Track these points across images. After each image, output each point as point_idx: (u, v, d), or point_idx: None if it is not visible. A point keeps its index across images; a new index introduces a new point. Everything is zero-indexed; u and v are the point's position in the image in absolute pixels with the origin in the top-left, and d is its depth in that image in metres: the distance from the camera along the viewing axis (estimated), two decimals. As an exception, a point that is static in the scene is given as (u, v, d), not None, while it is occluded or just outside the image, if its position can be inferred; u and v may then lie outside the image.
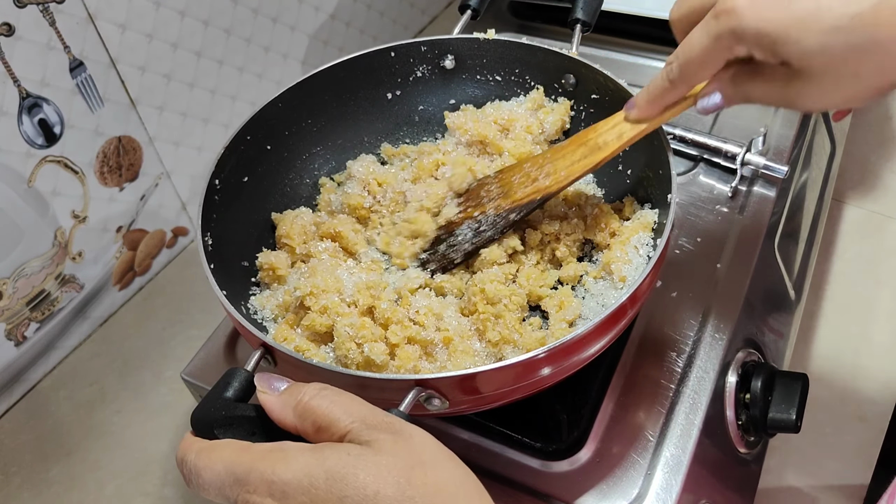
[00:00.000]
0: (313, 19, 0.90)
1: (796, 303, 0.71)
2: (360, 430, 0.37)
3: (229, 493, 0.36)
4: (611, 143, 0.53)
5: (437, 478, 0.36)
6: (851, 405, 0.68)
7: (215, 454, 0.38)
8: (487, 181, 0.60)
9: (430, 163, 0.65)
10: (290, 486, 0.35)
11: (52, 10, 0.62)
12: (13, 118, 0.62)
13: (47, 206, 0.68)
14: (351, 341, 0.52)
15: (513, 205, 0.58)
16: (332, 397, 0.38)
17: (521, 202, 0.57)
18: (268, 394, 0.40)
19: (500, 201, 0.58)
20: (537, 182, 0.57)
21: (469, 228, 0.59)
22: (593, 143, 0.54)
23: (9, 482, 0.67)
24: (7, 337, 0.70)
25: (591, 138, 0.54)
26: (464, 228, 0.59)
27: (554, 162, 0.56)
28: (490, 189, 0.59)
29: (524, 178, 0.58)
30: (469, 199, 0.60)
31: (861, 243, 0.80)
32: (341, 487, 0.34)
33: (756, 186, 0.70)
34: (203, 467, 0.37)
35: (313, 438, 0.38)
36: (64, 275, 0.72)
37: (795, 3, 0.39)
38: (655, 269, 0.50)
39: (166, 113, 0.76)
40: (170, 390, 0.73)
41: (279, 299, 0.59)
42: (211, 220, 0.56)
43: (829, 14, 0.38)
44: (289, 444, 0.37)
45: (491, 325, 0.54)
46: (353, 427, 0.37)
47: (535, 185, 0.57)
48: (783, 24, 0.39)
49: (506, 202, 0.58)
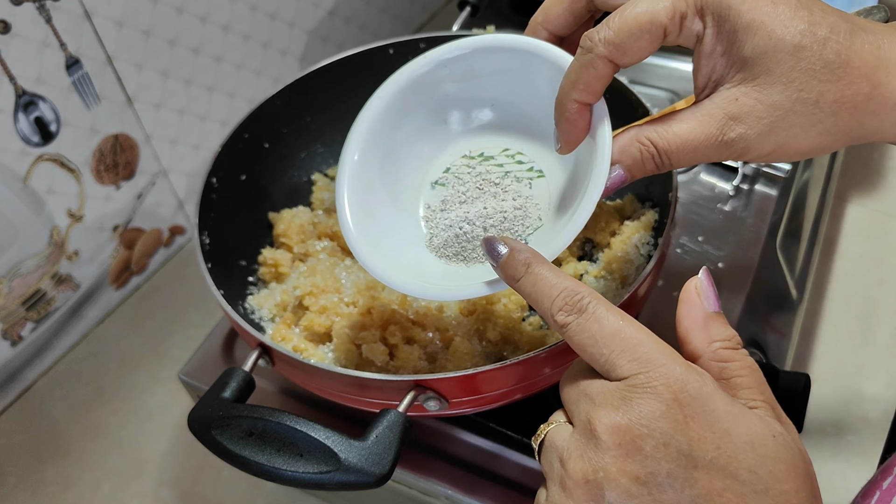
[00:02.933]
0: (312, 16, 0.89)
1: (798, 302, 0.70)
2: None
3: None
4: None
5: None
6: (854, 405, 0.68)
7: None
8: None
9: None
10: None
11: (49, 7, 0.61)
12: (9, 116, 0.62)
13: (43, 205, 0.67)
14: (350, 342, 0.52)
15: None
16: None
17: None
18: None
19: None
20: None
21: None
22: None
23: (4, 482, 0.67)
24: (3, 337, 0.69)
25: None
26: None
27: None
28: None
29: None
30: None
31: (864, 242, 0.80)
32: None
33: (758, 185, 0.70)
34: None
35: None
36: (60, 274, 0.72)
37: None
38: (656, 269, 0.50)
39: (163, 110, 0.75)
40: (167, 390, 0.73)
41: (277, 299, 0.58)
42: (208, 219, 0.56)
43: (798, 19, 0.35)
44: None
45: (491, 326, 0.54)
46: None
47: None
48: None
49: None
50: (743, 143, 0.37)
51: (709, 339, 0.35)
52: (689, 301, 0.36)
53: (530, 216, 0.45)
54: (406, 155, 0.49)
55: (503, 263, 0.37)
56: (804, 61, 0.36)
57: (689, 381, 0.32)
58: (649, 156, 0.39)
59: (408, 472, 0.54)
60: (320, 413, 0.58)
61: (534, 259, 0.37)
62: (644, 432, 0.31)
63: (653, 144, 0.38)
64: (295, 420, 0.41)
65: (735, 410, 0.32)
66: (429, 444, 0.56)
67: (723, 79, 0.38)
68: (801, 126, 0.37)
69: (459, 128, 0.49)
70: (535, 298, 0.36)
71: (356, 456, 0.40)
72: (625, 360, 0.32)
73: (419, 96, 0.48)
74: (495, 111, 0.49)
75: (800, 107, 0.36)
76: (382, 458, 0.41)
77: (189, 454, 0.68)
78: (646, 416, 0.31)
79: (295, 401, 0.60)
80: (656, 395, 0.31)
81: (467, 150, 0.49)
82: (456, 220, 0.47)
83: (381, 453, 0.41)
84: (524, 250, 0.37)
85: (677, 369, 0.32)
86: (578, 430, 0.33)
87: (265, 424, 0.42)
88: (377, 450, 0.41)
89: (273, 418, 0.42)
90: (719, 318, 0.35)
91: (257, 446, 0.41)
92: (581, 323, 0.34)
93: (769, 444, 0.32)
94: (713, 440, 0.31)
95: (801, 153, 0.38)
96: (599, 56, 0.37)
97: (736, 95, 0.37)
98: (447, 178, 0.49)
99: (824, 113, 0.36)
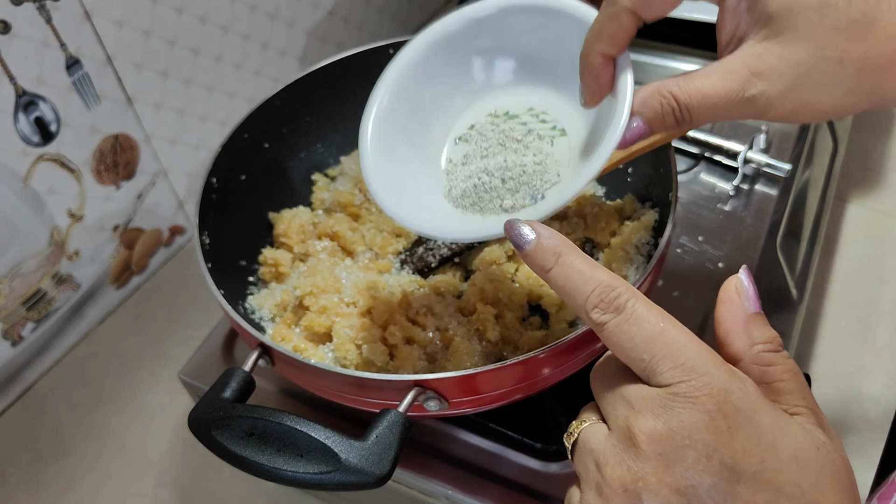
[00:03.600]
0: (311, 16, 0.89)
1: (798, 302, 0.70)
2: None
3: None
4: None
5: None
6: (854, 405, 0.68)
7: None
8: None
9: None
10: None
11: (49, 8, 0.61)
12: (9, 116, 0.62)
13: (43, 205, 0.68)
14: (350, 342, 0.52)
15: None
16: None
17: None
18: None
19: None
20: None
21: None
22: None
23: (5, 483, 0.67)
24: (3, 337, 0.69)
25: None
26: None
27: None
28: None
29: None
30: None
31: (864, 242, 0.80)
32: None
33: (758, 185, 0.70)
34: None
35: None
36: (60, 274, 0.72)
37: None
38: (656, 269, 0.50)
39: (163, 110, 0.75)
40: (167, 391, 0.73)
41: (277, 298, 0.58)
42: (208, 219, 0.56)
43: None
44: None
45: (491, 325, 0.54)
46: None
47: None
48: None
49: None
50: (764, 101, 0.37)
51: (750, 341, 0.34)
52: (729, 301, 0.34)
53: (549, 171, 0.46)
54: (433, 109, 0.50)
55: (531, 252, 0.35)
56: (829, 18, 0.35)
57: (733, 390, 0.31)
58: (669, 109, 0.38)
59: (408, 473, 0.54)
60: (320, 413, 0.58)
61: (564, 247, 0.34)
62: (686, 443, 0.30)
63: (674, 98, 0.38)
64: (295, 420, 0.41)
65: (780, 421, 0.31)
66: (429, 444, 0.56)
67: (746, 35, 0.37)
68: (824, 85, 0.36)
69: (486, 85, 0.50)
70: (567, 292, 0.34)
71: (356, 456, 0.40)
72: (666, 367, 0.31)
73: (450, 53, 0.49)
74: (523, 69, 0.49)
75: (823, 65, 0.35)
76: (383, 458, 0.41)
77: (189, 454, 0.68)
78: (688, 426, 0.30)
79: (295, 401, 0.60)
80: (700, 406, 0.30)
81: (493, 107, 0.49)
82: (475, 171, 0.47)
83: (381, 453, 0.41)
84: (552, 236, 0.35)
85: (721, 377, 0.31)
86: (616, 434, 0.32)
87: (265, 424, 0.42)
88: (377, 450, 0.41)
89: (273, 418, 0.42)
90: (760, 319, 0.34)
91: (257, 446, 0.41)
92: (619, 323, 0.32)
93: (813, 456, 0.31)
94: (757, 453, 0.30)
95: (822, 113, 0.37)
96: (624, 8, 0.38)
97: (759, 52, 0.36)
98: (471, 134, 0.49)
99: (848, 73, 0.36)
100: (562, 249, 0.34)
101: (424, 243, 0.60)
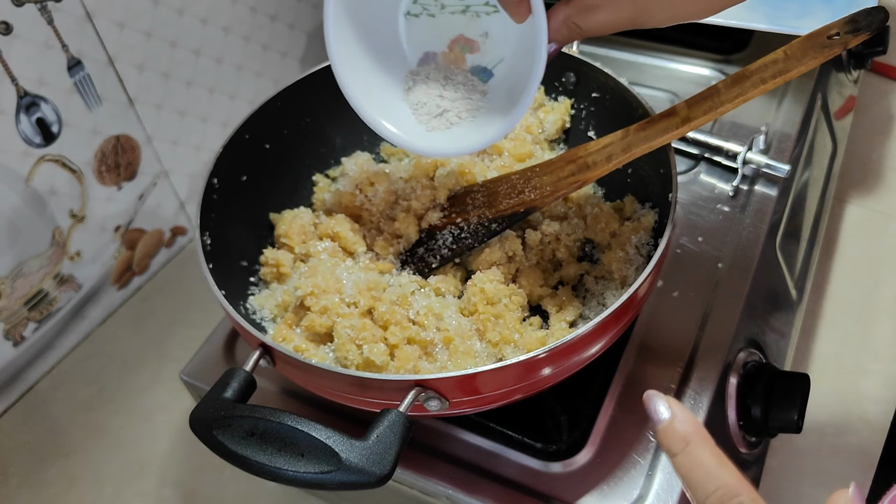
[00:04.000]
0: (312, 17, 0.89)
1: (798, 302, 0.70)
2: None
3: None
4: (599, 164, 0.53)
5: None
6: (853, 405, 0.68)
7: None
8: (474, 188, 0.60)
9: (428, 163, 0.64)
10: None
11: (50, 9, 0.62)
12: (11, 117, 0.62)
13: (45, 206, 0.68)
14: (351, 343, 0.52)
15: (495, 215, 0.57)
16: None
17: (504, 213, 0.57)
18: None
19: (484, 210, 0.58)
20: (523, 195, 0.56)
21: (450, 234, 0.59)
22: (582, 161, 0.53)
23: (7, 483, 0.67)
24: (5, 337, 0.69)
25: (581, 156, 0.54)
26: (445, 233, 0.59)
27: (542, 176, 0.56)
28: (476, 197, 0.59)
29: (510, 189, 0.57)
30: (454, 206, 0.60)
31: (863, 243, 0.80)
32: None
33: (757, 185, 0.70)
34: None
35: None
36: (62, 274, 0.72)
37: None
38: (656, 269, 0.50)
39: (164, 112, 0.76)
40: (168, 391, 0.73)
41: (278, 299, 0.58)
42: (209, 220, 0.56)
43: None
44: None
45: (491, 326, 0.54)
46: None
47: (521, 198, 0.56)
48: None
49: (489, 212, 0.58)
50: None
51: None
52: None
53: (496, 50, 0.51)
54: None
55: (662, 430, 0.36)
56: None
57: None
58: (577, 34, 0.45)
59: (408, 472, 0.55)
60: (321, 413, 0.59)
61: (695, 436, 0.35)
62: None
63: (578, 27, 0.45)
64: (296, 420, 0.41)
65: None
66: (429, 443, 0.56)
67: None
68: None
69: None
70: (687, 482, 0.34)
71: (357, 456, 0.40)
72: None
73: None
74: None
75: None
76: (383, 457, 0.41)
77: (191, 454, 0.68)
78: None
79: (296, 401, 0.60)
80: None
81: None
82: (433, 39, 0.52)
83: (381, 453, 0.41)
84: (686, 421, 0.35)
85: None
86: None
87: (266, 424, 0.42)
88: (378, 449, 0.41)
89: (274, 418, 0.42)
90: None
91: (259, 446, 0.42)
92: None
93: None
94: None
95: (689, 15, 0.44)
96: None
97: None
98: (417, 7, 0.52)
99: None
100: (692, 438, 0.35)
101: (425, 244, 0.60)
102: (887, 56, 0.97)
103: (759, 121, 0.74)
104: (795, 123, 0.74)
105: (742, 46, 0.83)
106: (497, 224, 0.57)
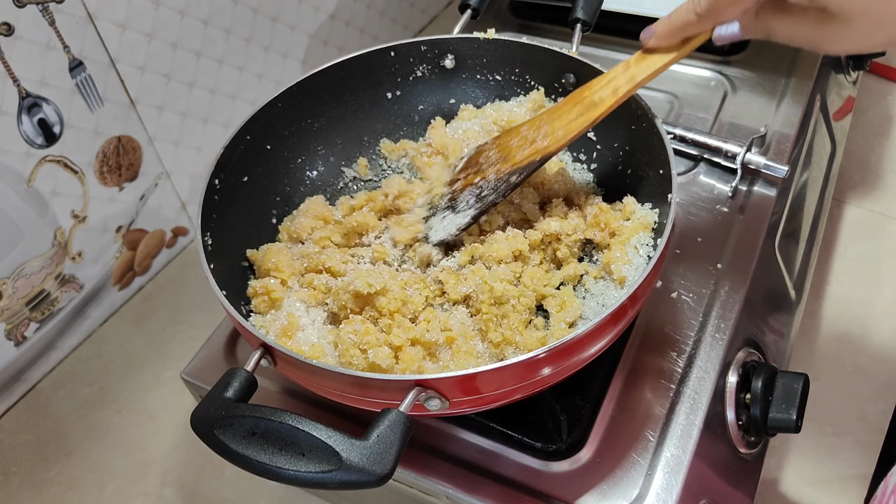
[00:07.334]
0: (313, 19, 0.90)
1: (797, 302, 0.71)
2: None
3: None
4: (606, 99, 0.53)
5: None
6: (852, 405, 0.68)
7: None
8: (486, 147, 0.60)
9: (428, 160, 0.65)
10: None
11: (52, 10, 0.62)
12: (13, 118, 0.62)
13: (47, 206, 0.68)
14: (355, 347, 0.52)
15: (513, 168, 0.58)
16: None
17: (520, 164, 0.57)
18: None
19: (500, 165, 0.58)
20: (535, 143, 0.57)
21: (471, 195, 0.59)
22: (588, 100, 0.54)
23: (9, 482, 0.67)
24: (7, 337, 0.70)
25: (587, 96, 0.54)
26: (466, 195, 0.59)
27: (551, 122, 0.56)
28: (489, 155, 0.60)
29: (522, 140, 0.58)
30: (469, 167, 0.61)
31: (861, 243, 0.80)
32: None
33: (756, 186, 0.70)
34: None
35: None
36: (64, 275, 0.72)
37: None
38: (655, 270, 0.50)
39: (166, 113, 0.76)
40: (170, 390, 0.73)
41: (284, 322, 0.56)
42: (211, 220, 0.56)
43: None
44: None
45: (493, 326, 0.54)
46: None
47: (534, 147, 0.57)
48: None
49: (505, 166, 0.58)
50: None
51: None
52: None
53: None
54: None
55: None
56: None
57: None
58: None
59: (409, 472, 0.55)
60: (322, 413, 0.59)
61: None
62: None
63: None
64: (297, 419, 0.42)
65: None
66: (430, 443, 0.56)
67: None
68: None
69: None
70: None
71: (358, 455, 0.40)
72: None
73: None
74: None
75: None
76: (384, 457, 0.41)
77: (192, 454, 0.68)
78: None
79: (297, 400, 0.60)
80: None
81: None
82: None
83: (382, 452, 0.41)
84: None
85: None
86: None
87: (267, 424, 0.42)
88: (379, 449, 0.41)
89: (275, 418, 0.42)
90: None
91: (260, 446, 0.42)
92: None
93: None
94: None
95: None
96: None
97: None
98: None
99: None
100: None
101: (452, 208, 0.60)
102: (886, 58, 0.98)
103: (758, 122, 0.74)
104: (794, 124, 0.74)
105: (741, 48, 0.83)
106: (516, 176, 0.57)
